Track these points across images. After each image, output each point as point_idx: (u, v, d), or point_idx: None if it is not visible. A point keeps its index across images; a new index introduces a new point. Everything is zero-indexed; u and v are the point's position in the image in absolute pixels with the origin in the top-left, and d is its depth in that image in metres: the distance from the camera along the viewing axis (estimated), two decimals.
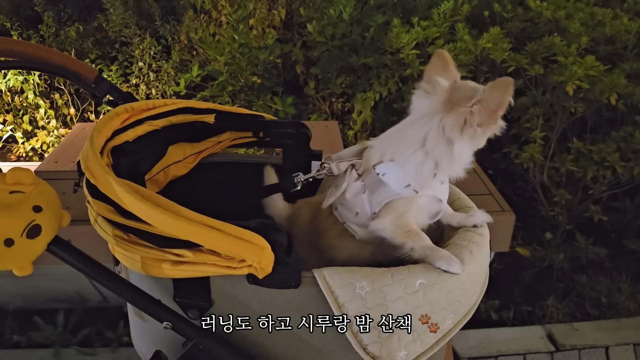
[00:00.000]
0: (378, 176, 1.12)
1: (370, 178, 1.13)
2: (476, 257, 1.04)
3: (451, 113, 1.05)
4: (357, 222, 1.17)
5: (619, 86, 2.63)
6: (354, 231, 1.19)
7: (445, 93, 1.08)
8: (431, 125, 1.06)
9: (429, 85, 1.11)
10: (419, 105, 1.12)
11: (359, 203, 1.15)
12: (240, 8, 3.59)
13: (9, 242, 0.86)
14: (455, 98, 1.06)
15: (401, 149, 1.10)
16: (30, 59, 1.21)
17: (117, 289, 0.99)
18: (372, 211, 1.14)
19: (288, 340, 1.02)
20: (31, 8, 4.33)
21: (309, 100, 3.73)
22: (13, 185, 0.88)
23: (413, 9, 3.67)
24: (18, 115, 3.56)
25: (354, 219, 1.17)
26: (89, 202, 1.00)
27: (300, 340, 1.02)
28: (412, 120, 1.12)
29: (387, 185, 1.11)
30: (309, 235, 1.24)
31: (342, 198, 1.17)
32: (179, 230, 0.89)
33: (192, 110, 1.29)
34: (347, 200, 1.16)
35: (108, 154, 1.09)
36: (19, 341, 2.33)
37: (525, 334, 2.39)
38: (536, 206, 3.08)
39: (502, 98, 1.02)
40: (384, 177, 1.12)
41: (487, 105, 1.02)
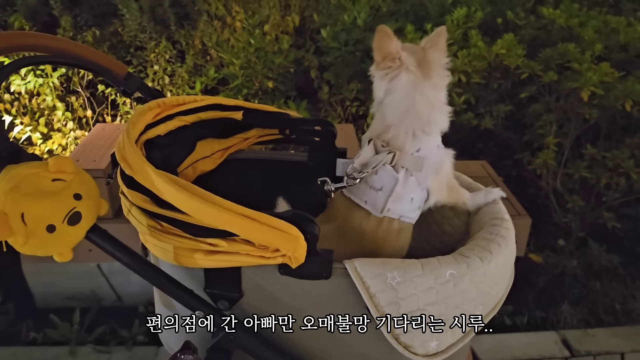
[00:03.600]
0: (414, 155, 1.17)
1: (408, 161, 1.17)
2: (504, 249, 1.06)
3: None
4: (413, 207, 1.20)
5: (634, 93, 2.64)
6: (411, 218, 1.22)
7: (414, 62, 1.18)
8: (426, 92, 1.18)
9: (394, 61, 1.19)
10: (401, 82, 1.18)
11: (411, 188, 1.18)
12: (256, 14, 3.63)
13: (51, 228, 0.88)
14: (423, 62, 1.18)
15: (419, 123, 1.17)
16: (63, 54, 1.24)
17: (152, 277, 1.01)
18: (422, 188, 1.19)
19: (318, 332, 1.03)
20: (48, 13, 4.38)
21: (322, 105, 3.75)
22: (55, 173, 0.90)
23: (425, 16, 3.70)
24: (34, 118, 3.59)
25: (410, 206, 1.20)
26: (123, 193, 1.02)
27: (330, 332, 1.03)
28: (403, 95, 1.19)
29: (427, 157, 1.17)
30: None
31: (394, 196, 1.18)
32: (216, 219, 0.91)
33: (221, 107, 1.32)
34: (398, 193, 1.17)
35: (142, 146, 1.11)
36: (35, 338, 2.35)
37: (539, 339, 2.39)
38: (549, 213, 3.08)
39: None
40: (420, 152, 1.17)
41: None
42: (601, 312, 2.61)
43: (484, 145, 3.71)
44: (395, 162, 1.16)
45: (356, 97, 3.55)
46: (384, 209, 1.17)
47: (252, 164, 1.43)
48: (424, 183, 1.18)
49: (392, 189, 1.16)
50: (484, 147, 3.71)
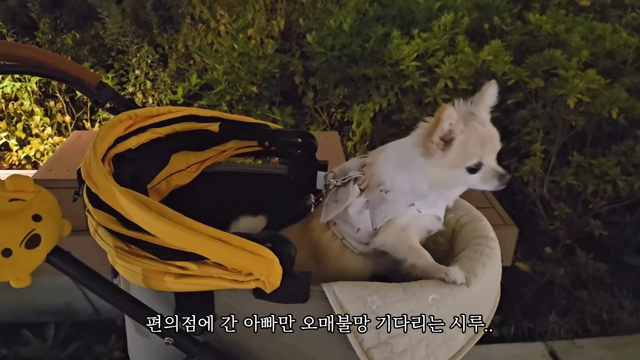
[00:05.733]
0: (382, 193, 1.12)
1: (374, 194, 1.13)
2: (489, 269, 1.02)
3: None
4: (358, 238, 1.17)
5: (620, 100, 2.63)
6: (353, 247, 1.19)
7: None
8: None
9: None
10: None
11: (363, 219, 1.15)
12: (240, 18, 3.57)
13: (6, 253, 0.82)
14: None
15: (404, 171, 1.11)
16: (32, 63, 1.18)
17: (119, 303, 0.95)
18: (374, 226, 1.14)
19: (295, 357, 0.98)
20: (27, 15, 4.30)
21: (307, 111, 3.71)
22: (13, 192, 0.85)
23: (412, 21, 3.67)
24: (11, 123, 3.51)
25: (355, 235, 1.17)
26: (89, 212, 0.96)
27: (307, 357, 0.98)
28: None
29: (391, 203, 1.11)
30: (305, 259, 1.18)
31: (344, 214, 1.16)
32: (185, 242, 0.86)
33: (197, 118, 1.26)
34: (349, 216, 1.15)
35: (110, 161, 1.06)
36: (5, 356, 2.26)
37: (526, 350, 2.36)
38: (535, 220, 3.06)
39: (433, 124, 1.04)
40: (388, 195, 1.12)
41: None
42: (588, 322, 2.58)
43: None
44: (364, 187, 1.14)
45: (342, 103, 3.51)
46: (328, 217, 1.16)
47: (230, 177, 1.37)
48: (375, 222, 1.13)
49: (345, 206, 1.14)
50: None
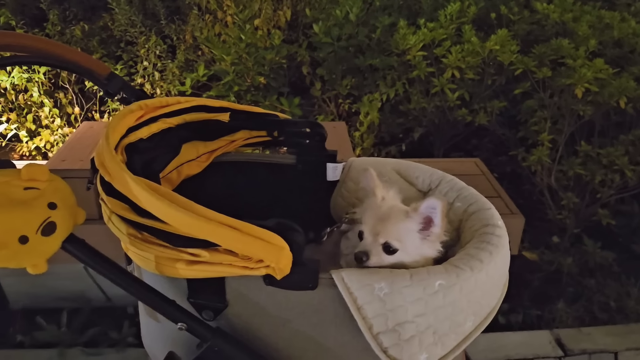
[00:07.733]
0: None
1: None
2: (496, 257, 1.03)
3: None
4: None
5: (628, 89, 2.61)
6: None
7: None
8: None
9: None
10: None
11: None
12: (246, 8, 3.57)
13: (23, 240, 0.84)
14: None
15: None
16: (43, 54, 1.19)
17: (132, 289, 0.97)
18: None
19: (305, 343, 1.00)
20: (36, 7, 4.31)
21: (315, 101, 3.71)
22: (28, 181, 0.86)
23: (419, 11, 3.66)
24: (22, 114, 3.54)
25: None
26: (103, 200, 0.98)
27: (317, 344, 1.00)
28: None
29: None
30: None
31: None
32: (197, 229, 0.87)
33: (207, 109, 1.28)
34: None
35: (122, 151, 1.07)
36: (22, 341, 2.31)
37: (533, 338, 2.37)
38: (543, 209, 3.06)
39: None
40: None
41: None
42: (596, 310, 2.59)
43: (478, 142, 3.69)
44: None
45: (349, 94, 3.51)
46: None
47: (240, 166, 1.39)
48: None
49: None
50: (478, 143, 3.69)
